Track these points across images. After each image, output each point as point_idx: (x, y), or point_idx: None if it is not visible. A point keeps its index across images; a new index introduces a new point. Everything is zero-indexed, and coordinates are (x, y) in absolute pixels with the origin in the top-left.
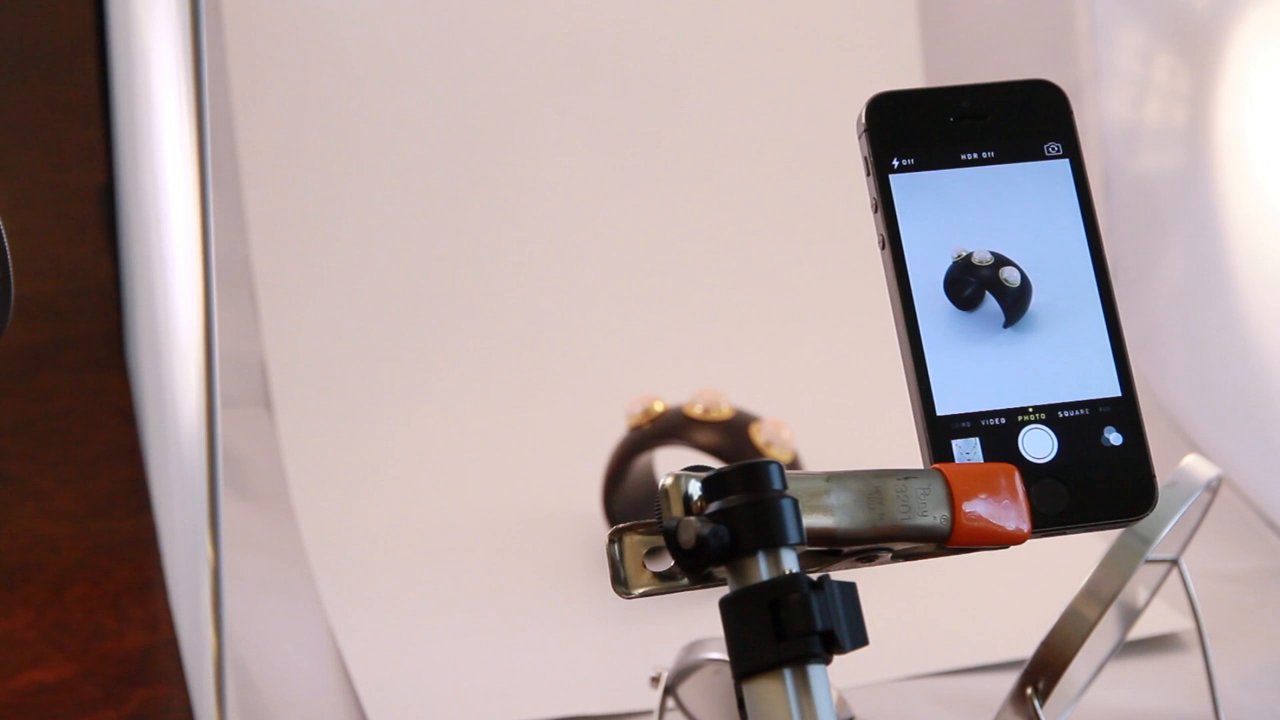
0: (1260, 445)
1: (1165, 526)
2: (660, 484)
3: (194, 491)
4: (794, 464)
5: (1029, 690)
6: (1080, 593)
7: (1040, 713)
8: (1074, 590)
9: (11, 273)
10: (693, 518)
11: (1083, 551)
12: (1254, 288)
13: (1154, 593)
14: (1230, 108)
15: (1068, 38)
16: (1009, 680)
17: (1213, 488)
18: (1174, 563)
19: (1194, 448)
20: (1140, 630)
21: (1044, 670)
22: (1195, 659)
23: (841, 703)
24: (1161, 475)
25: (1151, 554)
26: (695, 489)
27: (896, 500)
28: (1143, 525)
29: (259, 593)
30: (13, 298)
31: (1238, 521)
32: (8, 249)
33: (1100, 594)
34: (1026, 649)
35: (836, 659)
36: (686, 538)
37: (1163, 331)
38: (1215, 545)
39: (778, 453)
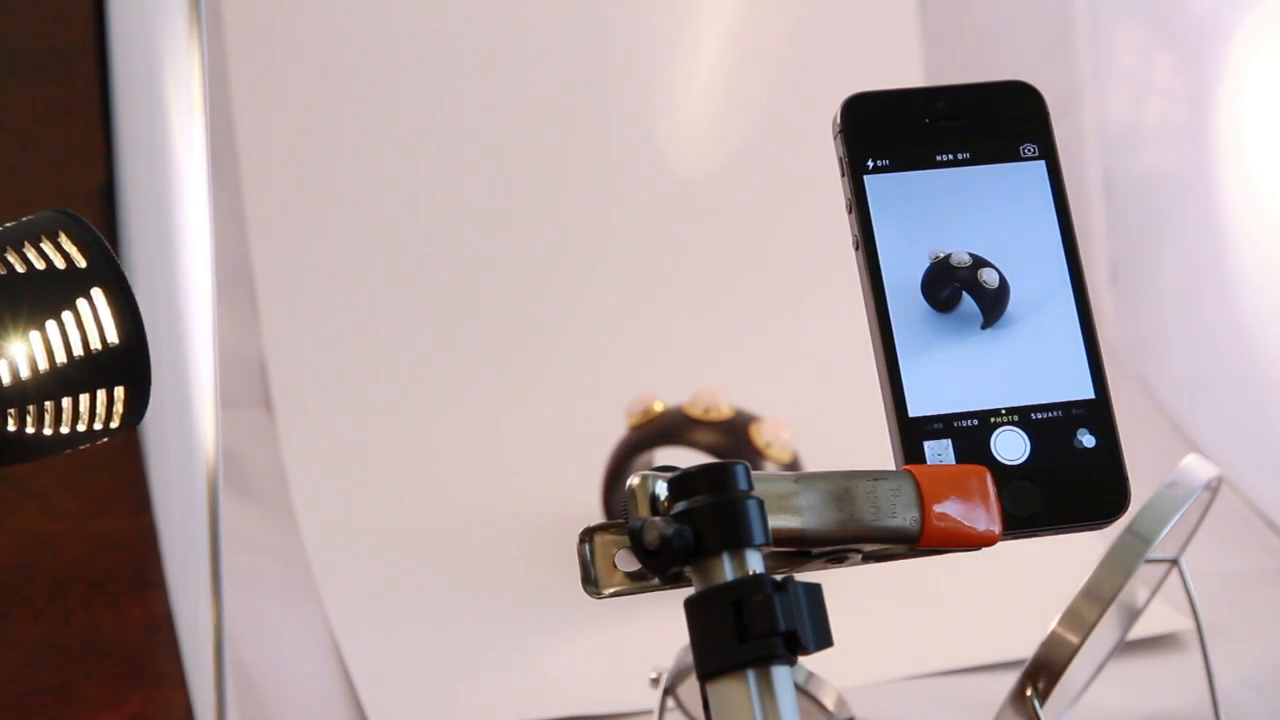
0: (1260, 445)
1: (1165, 526)
2: (628, 484)
3: (194, 491)
4: (794, 464)
5: (1029, 690)
6: (1080, 593)
7: (1040, 713)
8: (1074, 590)
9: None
10: (658, 518)
11: (1083, 551)
12: (1254, 288)
13: (1154, 593)
14: (1230, 108)
15: (1068, 38)
16: (1009, 680)
17: (1213, 488)
18: (1174, 563)
19: (1194, 448)
20: (1140, 630)
21: (1044, 670)
22: (1195, 659)
23: (841, 703)
24: (1161, 475)
25: (1151, 554)
26: (662, 489)
27: (866, 501)
28: (1142, 525)
29: (259, 593)
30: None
31: (1238, 521)
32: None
33: (1100, 594)
34: (1026, 649)
35: (837, 658)
36: (651, 538)
37: (1163, 331)
38: (1215, 545)
39: (778, 453)
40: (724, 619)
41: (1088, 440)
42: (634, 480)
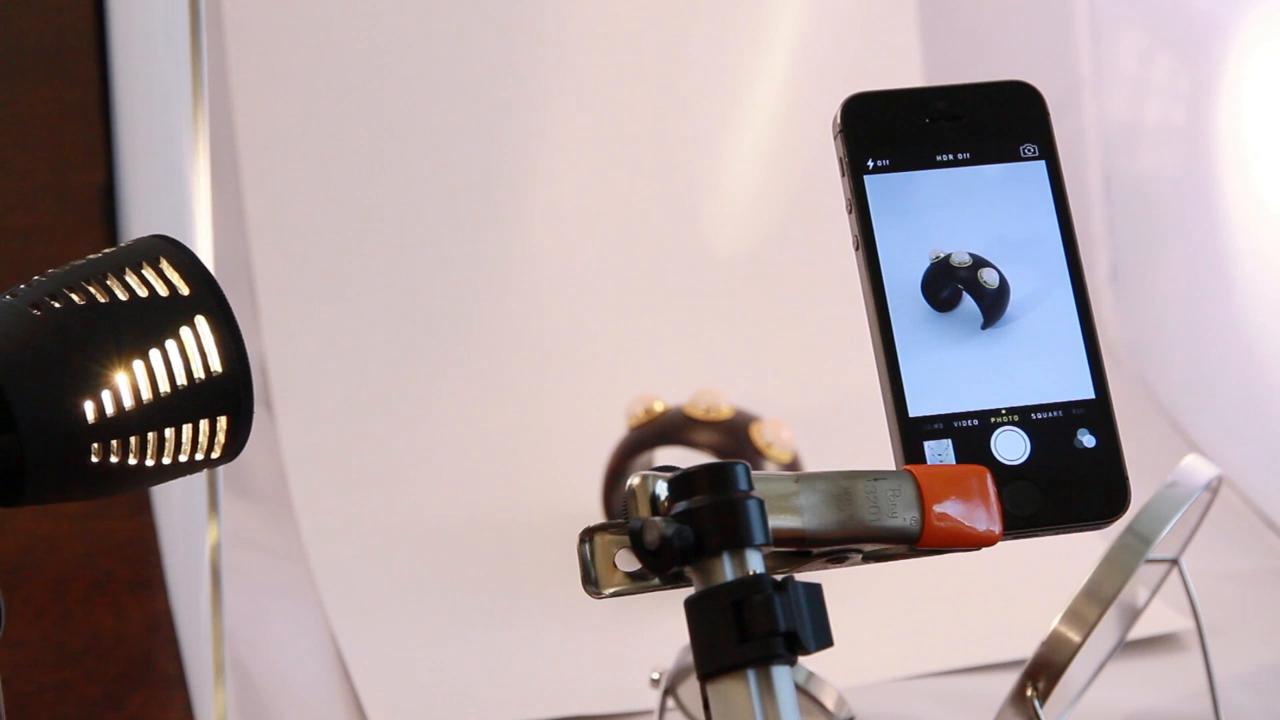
0: (1260, 445)
1: (1165, 526)
2: (628, 484)
3: (194, 491)
4: (794, 464)
5: (1029, 690)
6: (1080, 593)
7: (1040, 713)
8: (1074, 590)
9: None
10: (658, 518)
11: (1083, 551)
12: (1254, 288)
13: (1154, 593)
14: (1230, 108)
15: (1068, 38)
16: (1009, 680)
17: (1213, 488)
18: (1174, 563)
19: (1194, 448)
20: (1140, 630)
21: (1044, 670)
22: (1195, 659)
23: (841, 702)
24: (1161, 475)
25: (1151, 554)
26: (662, 489)
27: (866, 501)
28: (1142, 525)
29: (259, 593)
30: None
31: (1238, 521)
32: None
33: (1100, 594)
34: (1026, 649)
35: (838, 657)
36: (651, 538)
37: (1163, 331)
38: (1215, 545)
39: (778, 453)
40: (724, 619)
41: (1088, 440)
42: (634, 480)
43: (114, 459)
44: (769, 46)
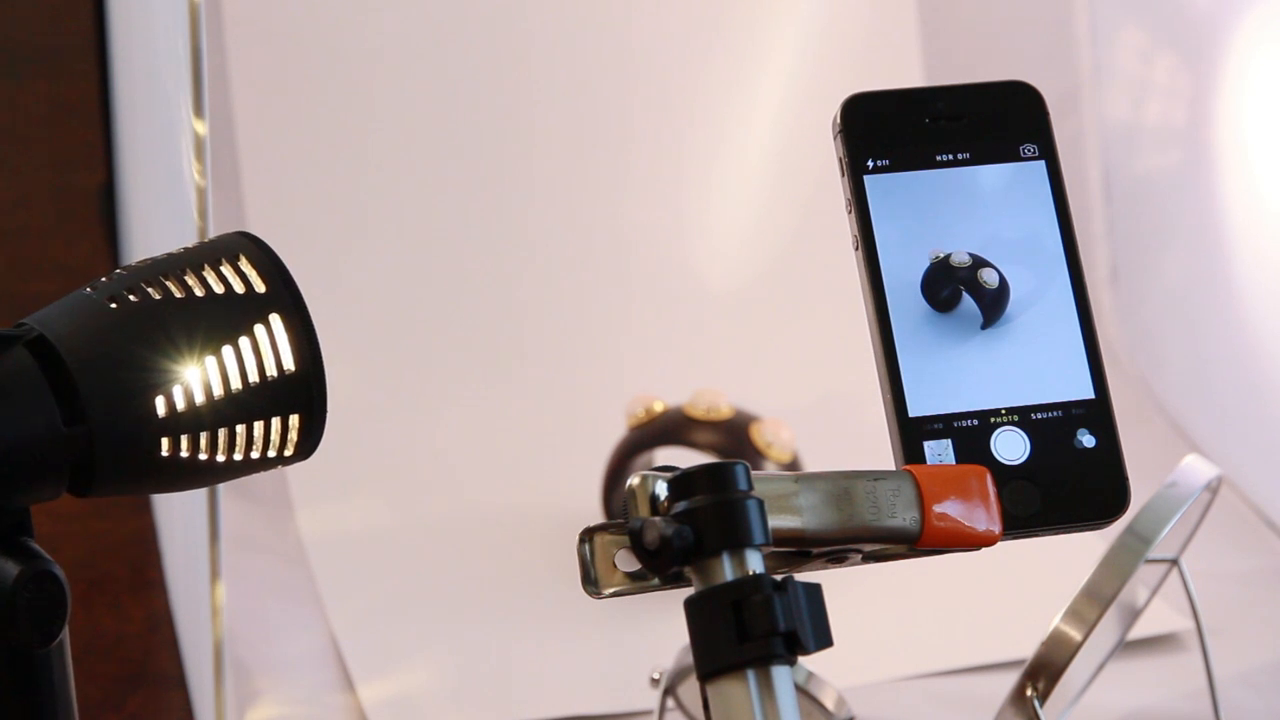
0: (1260, 445)
1: (1165, 526)
2: (628, 484)
3: (194, 492)
4: (794, 464)
5: (1029, 690)
6: (1080, 593)
7: (1040, 713)
8: (1074, 590)
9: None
10: (658, 518)
11: (1083, 551)
12: (1254, 288)
13: (1154, 593)
14: (1230, 108)
15: (1068, 38)
16: (1009, 680)
17: (1213, 488)
18: (1174, 563)
19: (1194, 448)
20: (1140, 630)
21: (1044, 670)
22: (1195, 659)
23: (841, 703)
24: (1161, 475)
25: (1151, 554)
26: (662, 489)
27: (866, 501)
28: (1142, 525)
29: (259, 593)
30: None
31: (1238, 521)
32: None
33: (1100, 594)
34: (1026, 649)
35: (838, 657)
36: (651, 538)
37: (1163, 331)
38: (1215, 545)
39: (778, 453)
40: (724, 619)
41: (1088, 440)
42: (634, 480)
43: (184, 454)
44: (769, 45)
